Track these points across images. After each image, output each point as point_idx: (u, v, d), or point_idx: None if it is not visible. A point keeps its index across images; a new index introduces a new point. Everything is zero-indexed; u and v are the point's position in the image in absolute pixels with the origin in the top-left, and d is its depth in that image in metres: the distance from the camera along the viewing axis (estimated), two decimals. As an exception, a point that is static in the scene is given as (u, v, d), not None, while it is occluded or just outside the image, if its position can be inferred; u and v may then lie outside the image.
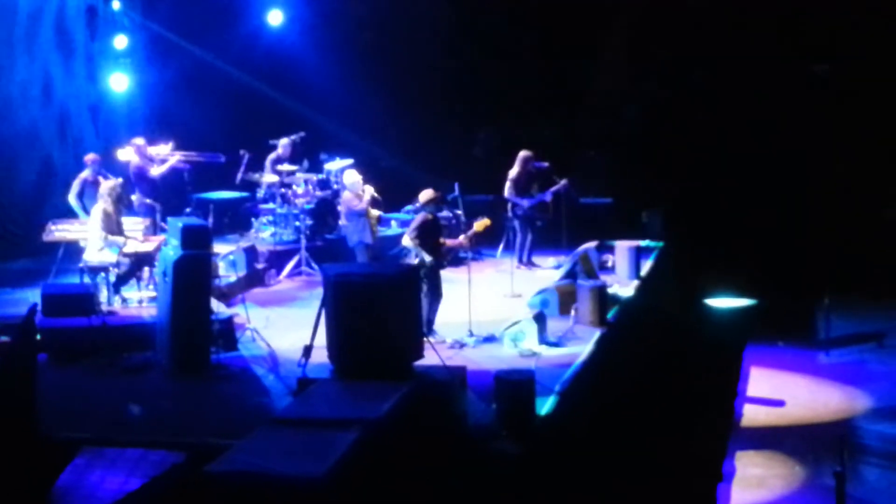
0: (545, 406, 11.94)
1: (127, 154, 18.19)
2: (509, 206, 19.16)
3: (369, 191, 17.14)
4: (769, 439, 14.34)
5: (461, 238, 15.44)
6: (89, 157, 17.51)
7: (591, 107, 25.87)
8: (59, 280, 16.31)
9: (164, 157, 18.31)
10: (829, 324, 17.79)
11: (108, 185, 15.79)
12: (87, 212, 16.62)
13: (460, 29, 24.96)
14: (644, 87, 25.70)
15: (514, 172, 19.13)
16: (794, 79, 24.71)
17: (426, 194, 15.06)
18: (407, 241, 14.79)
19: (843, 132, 23.73)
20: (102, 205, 15.48)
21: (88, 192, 16.89)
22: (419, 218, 15.01)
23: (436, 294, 14.62)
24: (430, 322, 14.36)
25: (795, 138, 24.06)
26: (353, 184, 17.10)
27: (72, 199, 17.10)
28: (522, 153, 19.26)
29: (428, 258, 14.45)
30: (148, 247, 15.51)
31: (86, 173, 17.21)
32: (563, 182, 19.26)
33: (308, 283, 18.00)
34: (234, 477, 8.63)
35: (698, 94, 24.92)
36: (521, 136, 22.92)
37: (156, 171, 17.87)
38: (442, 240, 15.11)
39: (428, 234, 14.73)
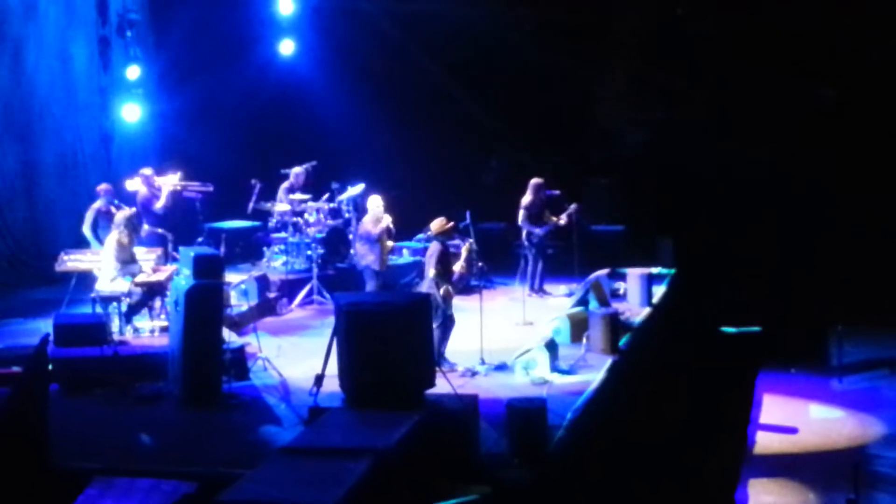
0: (557, 434, 11.92)
1: (134, 184, 18.21)
2: (524, 234, 19.17)
3: (387, 220, 17.13)
4: (782, 467, 14.26)
5: (458, 266, 15.29)
6: (102, 187, 17.53)
7: (600, 134, 25.92)
8: (71, 310, 16.31)
9: (159, 186, 18.24)
10: (841, 350, 17.72)
11: (122, 214, 15.79)
12: (100, 242, 16.64)
13: (471, 58, 25.03)
14: (651, 112, 25.76)
15: (526, 200, 19.14)
16: (799, 103, 24.72)
17: (440, 224, 15.02)
18: (432, 273, 14.59)
19: (849, 156, 23.72)
20: (117, 235, 15.47)
21: (102, 223, 16.91)
22: (437, 248, 14.88)
23: (448, 323, 14.57)
24: (441, 353, 14.30)
25: (802, 163, 24.05)
26: (374, 209, 17.09)
27: (86, 229, 17.12)
28: (534, 181, 19.28)
29: (441, 292, 14.40)
30: (160, 276, 15.52)
31: (99, 203, 17.24)
32: (574, 205, 19.26)
33: (320, 311, 18.00)
34: (245, 507, 8.63)
35: (705, 119, 24.96)
36: (532, 163, 22.98)
37: (158, 205, 17.88)
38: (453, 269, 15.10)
39: (443, 264, 14.71)
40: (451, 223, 15.17)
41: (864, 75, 24.23)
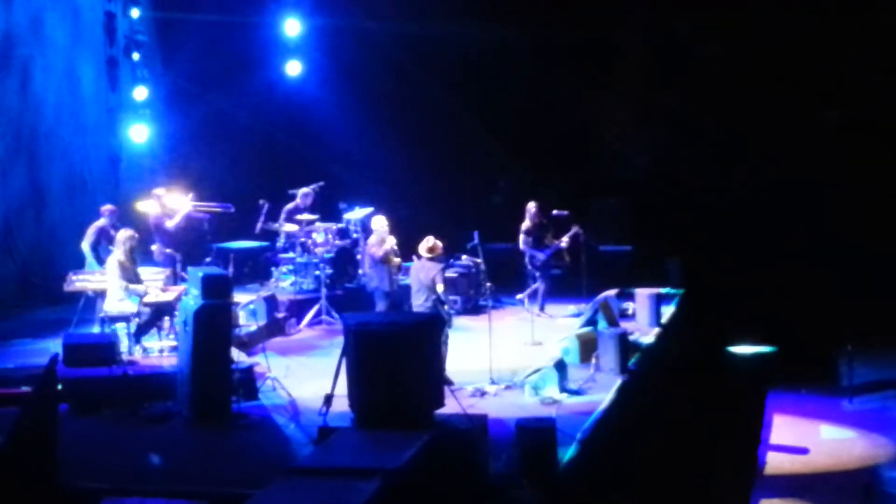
0: (566, 454, 11.89)
1: (148, 205, 18.24)
2: (527, 257, 19.24)
3: (391, 241, 17.12)
4: (793, 487, 14.22)
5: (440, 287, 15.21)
6: (106, 207, 17.53)
7: (607, 155, 25.93)
8: (80, 330, 16.30)
9: (175, 208, 18.27)
10: (851, 370, 17.68)
11: (122, 235, 15.77)
12: (99, 261, 16.66)
13: (478, 78, 25.06)
14: (659, 134, 25.78)
15: (525, 225, 19.22)
16: (804, 125, 24.71)
17: (430, 245, 14.95)
18: (441, 289, 14.66)
19: (856, 177, 23.71)
20: (117, 255, 15.50)
21: (104, 242, 16.94)
22: (439, 266, 14.85)
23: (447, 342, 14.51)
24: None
25: (811, 183, 24.04)
26: (378, 229, 17.11)
27: (85, 246, 17.10)
28: (531, 204, 19.34)
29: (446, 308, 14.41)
30: (168, 296, 15.53)
31: (102, 222, 17.23)
32: (576, 228, 19.26)
33: (328, 331, 18.00)
34: (255, 526, 8.60)
35: (711, 141, 24.98)
36: (540, 184, 22.98)
37: (170, 223, 17.91)
38: None
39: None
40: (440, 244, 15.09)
41: (870, 98, 24.24)
